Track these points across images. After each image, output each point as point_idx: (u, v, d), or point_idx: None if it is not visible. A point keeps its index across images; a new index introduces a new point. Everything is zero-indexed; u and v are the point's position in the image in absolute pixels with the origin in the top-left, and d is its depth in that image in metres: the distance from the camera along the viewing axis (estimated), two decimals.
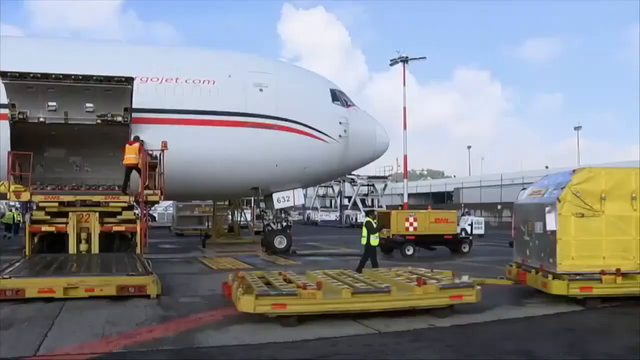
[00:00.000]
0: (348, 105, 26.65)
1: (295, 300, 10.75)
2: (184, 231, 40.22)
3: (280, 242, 25.56)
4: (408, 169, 56.97)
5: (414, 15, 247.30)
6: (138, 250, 18.72)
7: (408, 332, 10.35)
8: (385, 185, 66.30)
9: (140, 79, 22.22)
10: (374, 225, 18.40)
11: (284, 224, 27.12)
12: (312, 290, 10.94)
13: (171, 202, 50.30)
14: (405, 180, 56.73)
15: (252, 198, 30.86)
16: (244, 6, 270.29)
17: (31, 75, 19.91)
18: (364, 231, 18.31)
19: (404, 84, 53.12)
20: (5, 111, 20.96)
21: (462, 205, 52.70)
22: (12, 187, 18.96)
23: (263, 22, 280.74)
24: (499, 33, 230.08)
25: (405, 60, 53.24)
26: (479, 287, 12.07)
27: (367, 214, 19.61)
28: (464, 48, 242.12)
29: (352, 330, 10.45)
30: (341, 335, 10.08)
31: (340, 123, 25.57)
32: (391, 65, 54.89)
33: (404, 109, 52.45)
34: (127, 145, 20.50)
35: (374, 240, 18.25)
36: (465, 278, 12.42)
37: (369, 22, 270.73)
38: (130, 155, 20.12)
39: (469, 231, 35.07)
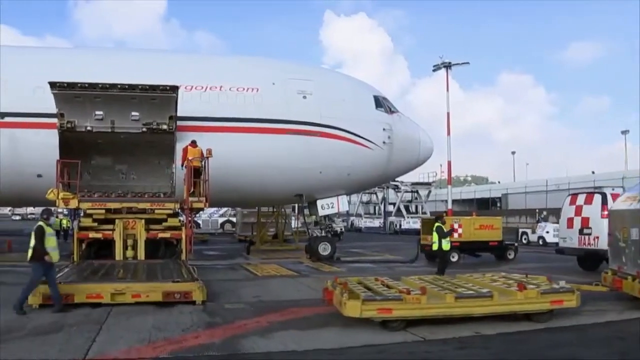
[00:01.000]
0: (392, 112, 26.55)
1: (400, 305, 10.81)
2: (248, 237, 40.28)
3: (324, 249, 25.50)
4: (452, 175, 56.47)
5: (456, 20, 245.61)
6: (183, 257, 18.89)
7: (453, 340, 10.23)
8: (429, 192, 65.89)
9: (185, 88, 22.49)
10: (445, 230, 18.27)
11: (334, 231, 27.10)
12: (416, 295, 10.99)
13: (215, 209, 50.83)
14: (449, 186, 56.22)
15: (297, 205, 30.86)
16: (286, 14, 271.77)
17: (79, 85, 20.25)
18: (435, 236, 18.23)
19: (447, 90, 52.83)
20: (55, 120, 21.35)
21: (538, 210, 51.63)
22: (61, 195, 19.30)
23: (305, 29, 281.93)
24: (542, 36, 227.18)
25: (448, 66, 52.87)
26: (578, 292, 11.97)
27: (437, 218, 19.45)
28: (507, 52, 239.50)
29: (398, 337, 10.37)
30: (387, 342, 10.02)
31: (384, 129, 25.49)
32: (434, 70, 54.52)
33: (448, 114, 52.09)
34: (189, 148, 20.75)
35: (446, 245, 18.25)
36: (562, 283, 12.26)
37: (411, 27, 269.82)
38: (195, 157, 20.33)
39: (549, 239, 34.61)
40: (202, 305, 13.28)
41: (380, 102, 26.29)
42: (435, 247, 18.45)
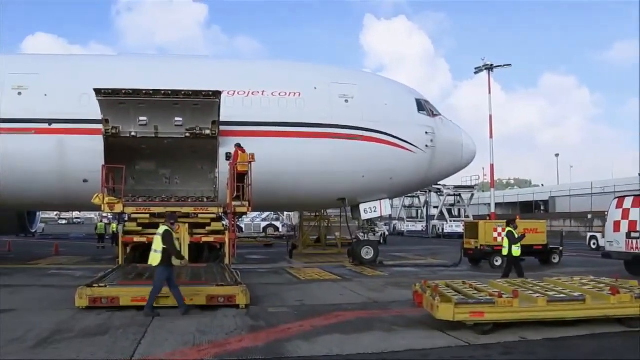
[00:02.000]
0: (434, 115, 26.37)
1: (492, 308, 10.80)
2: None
3: (367, 253, 25.40)
4: (495, 178, 55.92)
5: (497, 22, 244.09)
6: (226, 261, 18.98)
7: (498, 345, 10.09)
8: (472, 195, 65.26)
9: (228, 93, 22.59)
10: (516, 235, 18.00)
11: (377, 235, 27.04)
12: (508, 299, 10.96)
13: (258, 213, 51.00)
14: (492, 189, 55.77)
15: (340, 209, 30.81)
16: (327, 18, 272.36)
17: (123, 91, 20.51)
18: (506, 241, 17.97)
19: (489, 92, 52.39)
20: (100, 126, 21.66)
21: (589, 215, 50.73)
22: (106, 200, 19.56)
23: (345, 34, 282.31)
24: (585, 36, 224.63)
25: (490, 68, 52.43)
26: None
27: (508, 223, 19.19)
28: (550, 53, 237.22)
29: (442, 341, 10.29)
30: (431, 347, 9.94)
31: (426, 133, 25.31)
32: (476, 73, 54.14)
33: (490, 117, 51.65)
34: (240, 153, 20.86)
35: (516, 251, 17.84)
36: None
37: (452, 30, 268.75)
38: (244, 162, 20.45)
39: None
40: (246, 309, 13.31)
41: (422, 106, 26.13)
42: (505, 252, 18.20)
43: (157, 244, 13.20)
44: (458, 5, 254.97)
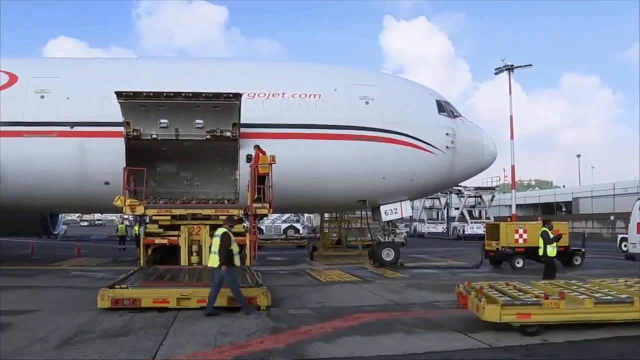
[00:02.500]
0: (454, 116, 26.26)
1: (539, 310, 10.75)
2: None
3: (387, 255, 25.31)
4: (515, 179, 55.62)
5: (517, 22, 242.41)
6: (247, 263, 19.00)
7: (520, 347, 10.03)
8: (493, 197, 64.84)
9: (248, 95, 22.72)
10: (550, 235, 17.90)
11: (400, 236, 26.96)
12: (555, 300, 10.91)
13: (278, 214, 51.05)
14: (513, 191, 55.43)
15: (360, 211, 30.75)
16: (346, 20, 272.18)
17: (144, 94, 20.62)
18: (541, 242, 17.88)
19: (510, 93, 51.94)
20: (121, 129, 21.80)
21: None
22: (128, 202, 19.67)
23: (365, 35, 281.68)
24: (607, 36, 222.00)
25: (510, 69, 52.07)
26: None
27: (544, 223, 19.06)
28: (571, 53, 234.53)
29: (463, 344, 10.25)
30: (452, 349, 9.90)
31: (447, 134, 25.21)
32: (496, 74, 53.79)
33: (511, 117, 51.27)
34: (261, 155, 20.95)
35: (552, 251, 17.80)
36: None
37: (472, 30, 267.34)
38: (265, 164, 20.51)
39: None
40: (267, 311, 13.34)
41: (442, 107, 26.01)
42: (540, 252, 18.09)
43: (216, 246, 13.69)
44: (478, 5, 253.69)
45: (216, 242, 13.79)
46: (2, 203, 23.95)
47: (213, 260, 13.61)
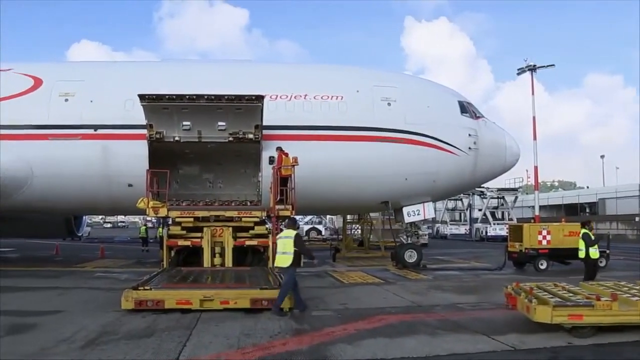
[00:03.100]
0: (477, 117, 26.13)
1: (591, 311, 10.69)
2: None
3: (410, 256, 25.25)
4: (538, 180, 55.22)
5: (540, 21, 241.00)
6: (270, 264, 19.02)
7: (545, 350, 9.96)
8: (516, 198, 64.35)
9: (270, 97, 22.75)
10: (592, 237, 17.73)
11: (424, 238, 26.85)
12: (607, 302, 10.82)
13: (301, 216, 51.03)
14: (536, 192, 55.10)
15: (382, 212, 30.71)
16: (367, 21, 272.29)
17: (167, 96, 20.73)
18: (582, 243, 17.68)
19: (532, 93, 51.55)
20: (144, 131, 21.93)
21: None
22: (151, 204, 19.77)
23: (386, 36, 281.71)
24: (631, 34, 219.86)
25: (532, 69, 51.70)
26: None
27: (583, 225, 18.88)
28: (594, 52, 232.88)
29: (486, 346, 10.20)
30: (475, 351, 9.86)
31: (469, 135, 25.09)
32: (518, 74, 53.42)
33: (534, 118, 50.93)
34: (283, 157, 20.97)
35: (594, 253, 17.51)
36: None
37: (493, 30, 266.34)
38: (288, 166, 20.53)
39: None
40: (289, 312, 13.35)
41: (465, 108, 25.91)
42: (581, 254, 17.88)
43: (287, 247, 13.97)
44: (499, 5, 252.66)
45: (287, 242, 14.02)
46: (29, 206, 24.26)
47: (283, 260, 13.92)
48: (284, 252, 13.99)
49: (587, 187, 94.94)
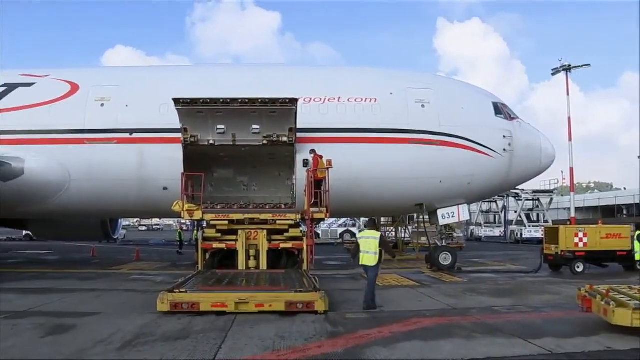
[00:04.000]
0: (511, 118, 25.87)
1: None
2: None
3: (445, 259, 25.08)
4: (574, 181, 54.56)
5: (574, 20, 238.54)
6: (305, 267, 19.05)
7: (582, 354, 9.78)
8: (551, 199, 63.62)
9: (304, 100, 22.77)
10: None
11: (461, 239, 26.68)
12: None
13: (334, 219, 51.13)
14: (572, 194, 54.45)
15: (416, 214, 30.58)
16: (399, 23, 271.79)
17: (201, 100, 20.89)
18: (638, 246, 17.55)
19: (567, 94, 51.02)
20: (179, 135, 22.10)
21: None
22: (186, 207, 19.90)
23: (419, 38, 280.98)
24: None
25: (567, 69, 51.13)
26: None
27: (638, 226, 18.68)
28: (630, 51, 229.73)
29: (523, 350, 10.06)
30: (512, 355, 9.74)
31: (504, 137, 24.83)
32: (553, 74, 52.90)
33: (569, 119, 50.43)
34: (319, 159, 21.00)
35: None
36: None
37: (527, 31, 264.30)
38: (322, 169, 20.55)
39: None
40: (324, 315, 13.29)
41: (499, 109, 25.66)
42: (638, 257, 17.71)
43: (372, 246, 14.72)
44: (532, 5, 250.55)
45: (372, 242, 14.71)
46: (66, 209, 24.59)
47: (369, 259, 14.68)
48: (367, 251, 14.72)
49: (625, 189, 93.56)
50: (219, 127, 22.08)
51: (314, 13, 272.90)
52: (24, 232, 52.51)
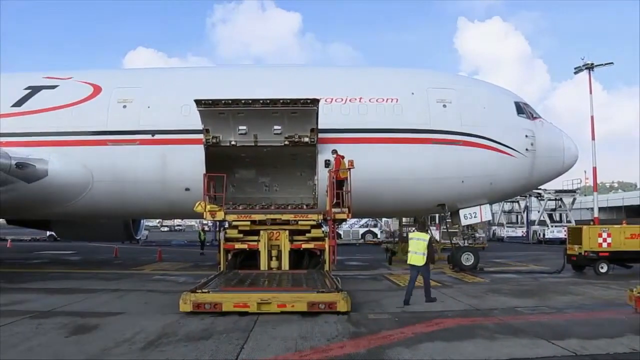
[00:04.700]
0: (534, 118, 25.68)
1: None
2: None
3: (467, 259, 25.02)
4: (597, 181, 54.20)
5: (597, 18, 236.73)
6: (327, 267, 19.05)
7: (607, 356, 9.70)
8: (574, 199, 63.11)
9: (325, 100, 22.72)
10: None
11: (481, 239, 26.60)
12: None
13: (356, 219, 51.09)
14: (595, 193, 54.13)
15: (438, 215, 30.50)
16: (420, 23, 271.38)
17: (222, 101, 20.90)
18: None
19: (590, 92, 50.74)
20: (200, 136, 22.20)
21: None
22: (208, 207, 19.95)
23: (439, 37, 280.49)
24: None
25: (590, 67, 50.90)
26: None
27: None
28: None
29: (546, 351, 10.00)
30: (535, 356, 9.69)
31: (526, 136, 24.64)
32: (575, 73, 52.70)
33: (592, 118, 50.13)
34: (340, 160, 21.00)
35: None
36: None
37: (549, 29, 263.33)
38: (344, 169, 20.53)
39: None
40: (346, 316, 13.29)
41: (521, 109, 25.50)
42: None
43: (421, 247, 15.94)
44: (553, 3, 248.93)
45: (421, 244, 15.95)
46: (90, 210, 24.78)
47: (417, 259, 15.96)
48: (416, 251, 15.97)
49: None
50: (240, 128, 22.10)
51: (335, 13, 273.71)
52: (48, 233, 52.96)
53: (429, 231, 17.61)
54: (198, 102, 20.88)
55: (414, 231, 18.22)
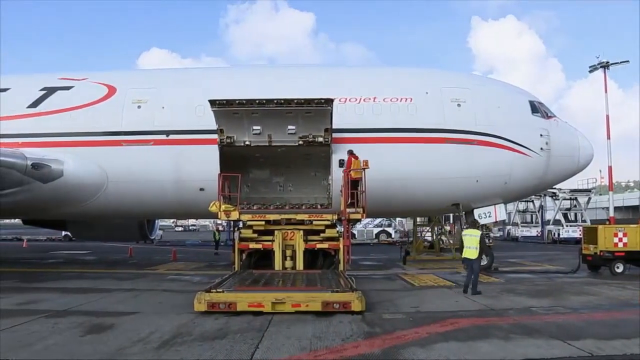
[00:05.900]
0: (548, 117, 25.57)
1: None
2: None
3: (482, 259, 24.94)
4: (613, 180, 53.82)
5: (611, 16, 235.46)
6: (341, 267, 19.03)
7: (624, 357, 9.63)
8: (589, 199, 62.64)
9: (339, 100, 22.77)
10: None
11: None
12: None
13: (370, 219, 51.06)
14: (610, 193, 53.78)
15: (452, 214, 30.38)
16: (433, 22, 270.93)
17: (237, 101, 20.92)
18: None
19: (605, 91, 50.28)
20: (215, 136, 22.24)
21: None
22: (223, 207, 19.98)
23: (453, 37, 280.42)
24: None
25: (605, 66, 50.52)
26: None
27: None
28: None
29: (562, 351, 9.94)
30: (550, 356, 9.63)
31: (541, 135, 24.56)
32: (590, 72, 52.28)
33: (607, 117, 49.72)
34: (353, 160, 20.97)
35: None
36: None
37: (563, 27, 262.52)
38: (358, 169, 20.51)
39: None
40: (361, 315, 13.27)
41: (536, 108, 25.40)
42: None
43: (474, 242, 17.84)
44: (567, 2, 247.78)
45: (473, 239, 17.85)
46: (104, 210, 24.90)
47: (471, 253, 17.87)
48: (470, 246, 17.86)
49: None
50: (254, 128, 22.13)
51: (348, 13, 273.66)
52: (63, 233, 53.34)
53: (480, 228, 19.83)
54: (212, 102, 20.91)
55: (467, 228, 20.03)
